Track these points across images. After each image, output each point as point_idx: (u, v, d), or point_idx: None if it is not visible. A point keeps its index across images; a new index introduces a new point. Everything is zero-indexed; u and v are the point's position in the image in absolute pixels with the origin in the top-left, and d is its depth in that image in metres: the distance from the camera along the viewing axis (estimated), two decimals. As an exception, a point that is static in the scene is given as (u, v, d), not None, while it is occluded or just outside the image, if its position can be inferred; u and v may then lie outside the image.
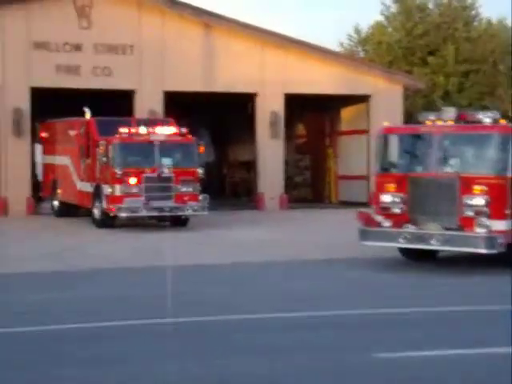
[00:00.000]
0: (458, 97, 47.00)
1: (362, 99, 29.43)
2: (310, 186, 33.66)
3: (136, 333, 9.14)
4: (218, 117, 35.25)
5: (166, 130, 20.86)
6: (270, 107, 27.97)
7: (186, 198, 20.37)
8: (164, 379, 7.13)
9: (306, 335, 8.87)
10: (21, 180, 25.33)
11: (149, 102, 26.35)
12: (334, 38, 69.38)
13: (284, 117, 28.15)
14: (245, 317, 9.88)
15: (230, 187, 36.22)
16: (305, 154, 33.95)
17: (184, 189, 20.42)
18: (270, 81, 27.75)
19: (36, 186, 26.37)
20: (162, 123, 21.85)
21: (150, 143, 20.41)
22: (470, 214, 13.09)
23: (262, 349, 8.16)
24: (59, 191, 24.74)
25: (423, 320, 9.77)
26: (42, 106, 25.37)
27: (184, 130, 21.28)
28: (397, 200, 13.73)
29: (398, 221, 13.64)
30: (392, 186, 13.84)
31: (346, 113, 31.41)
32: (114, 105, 26.36)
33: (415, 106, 46.14)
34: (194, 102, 30.37)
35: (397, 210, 13.74)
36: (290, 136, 30.73)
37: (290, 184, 30.66)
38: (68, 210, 24.37)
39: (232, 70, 27.30)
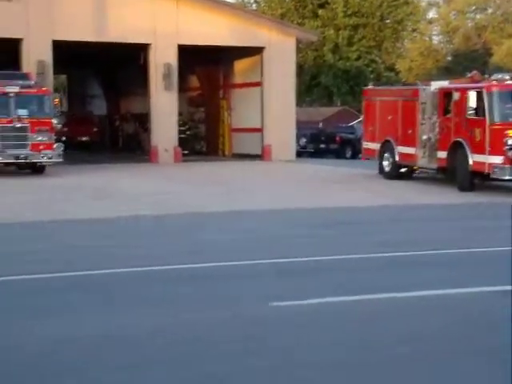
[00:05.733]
0: (348, 50, 47.80)
1: (256, 52, 29.37)
2: (204, 138, 33.58)
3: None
4: (111, 68, 34.48)
5: (22, 83, 21.61)
6: (163, 59, 27.51)
7: (41, 147, 21.42)
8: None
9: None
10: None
11: (37, 52, 25.40)
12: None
13: (178, 69, 27.80)
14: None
15: (123, 140, 35.68)
16: (199, 107, 33.76)
17: (39, 138, 21.43)
18: (162, 32, 27.23)
19: None
20: (21, 76, 22.66)
21: (5, 94, 21.08)
22: None
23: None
24: None
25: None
26: None
27: (37, 81, 22.43)
28: None
29: None
30: None
31: (240, 65, 31.31)
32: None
33: (306, 59, 46.71)
34: (86, 53, 29.51)
35: None
36: (184, 88, 30.42)
37: (183, 137, 30.47)
38: None
39: (124, 21, 26.59)
